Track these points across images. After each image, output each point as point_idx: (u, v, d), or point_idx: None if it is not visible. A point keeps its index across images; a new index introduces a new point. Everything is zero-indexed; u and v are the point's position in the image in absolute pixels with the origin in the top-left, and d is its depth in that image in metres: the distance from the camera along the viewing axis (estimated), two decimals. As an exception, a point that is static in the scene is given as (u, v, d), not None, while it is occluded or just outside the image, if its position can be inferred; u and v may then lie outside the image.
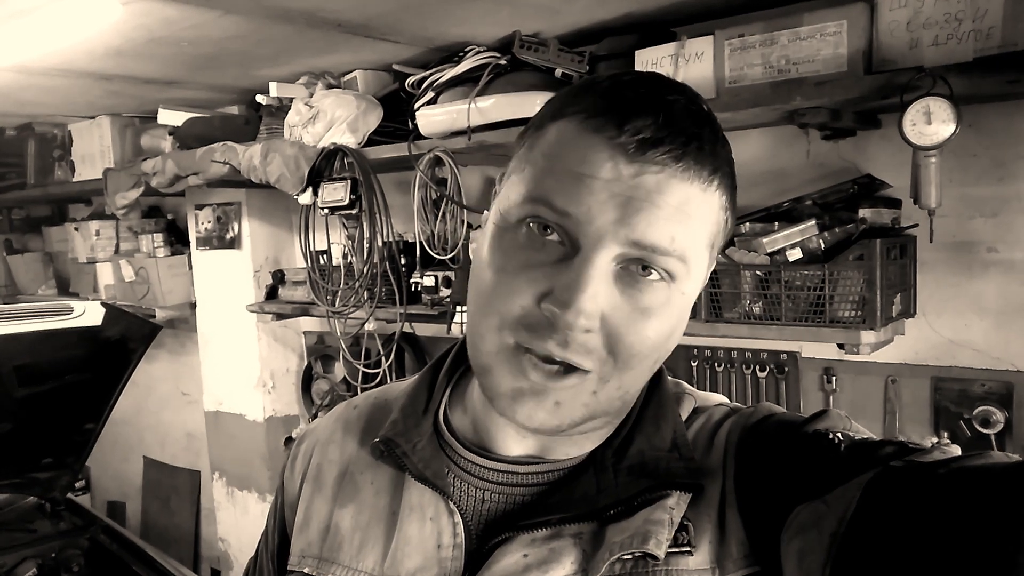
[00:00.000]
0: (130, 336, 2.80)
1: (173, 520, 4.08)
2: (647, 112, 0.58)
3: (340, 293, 2.65)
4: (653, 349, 0.62)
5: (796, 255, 1.81)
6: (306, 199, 2.58)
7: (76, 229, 3.81)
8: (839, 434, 0.61)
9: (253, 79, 2.66)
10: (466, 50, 2.26)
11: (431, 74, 2.32)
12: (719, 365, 2.24)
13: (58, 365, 2.71)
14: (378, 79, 2.58)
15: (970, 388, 1.90)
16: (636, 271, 0.60)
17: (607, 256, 0.58)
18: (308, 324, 3.29)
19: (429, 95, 2.32)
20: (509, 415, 0.63)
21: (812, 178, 2.03)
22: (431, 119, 2.29)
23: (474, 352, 0.66)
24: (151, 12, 1.91)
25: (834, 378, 2.09)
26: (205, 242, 3.35)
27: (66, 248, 3.97)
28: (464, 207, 2.36)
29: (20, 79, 2.60)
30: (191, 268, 3.51)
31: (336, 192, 2.48)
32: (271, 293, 3.08)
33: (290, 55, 2.40)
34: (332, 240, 2.70)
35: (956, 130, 1.53)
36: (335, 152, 2.50)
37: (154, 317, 3.35)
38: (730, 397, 0.76)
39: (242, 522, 3.47)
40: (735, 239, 1.91)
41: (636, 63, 1.97)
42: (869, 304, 1.72)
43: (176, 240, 3.67)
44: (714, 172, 0.60)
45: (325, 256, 2.71)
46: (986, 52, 1.53)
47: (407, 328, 2.58)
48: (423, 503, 0.70)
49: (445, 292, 2.41)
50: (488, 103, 2.15)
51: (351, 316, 2.65)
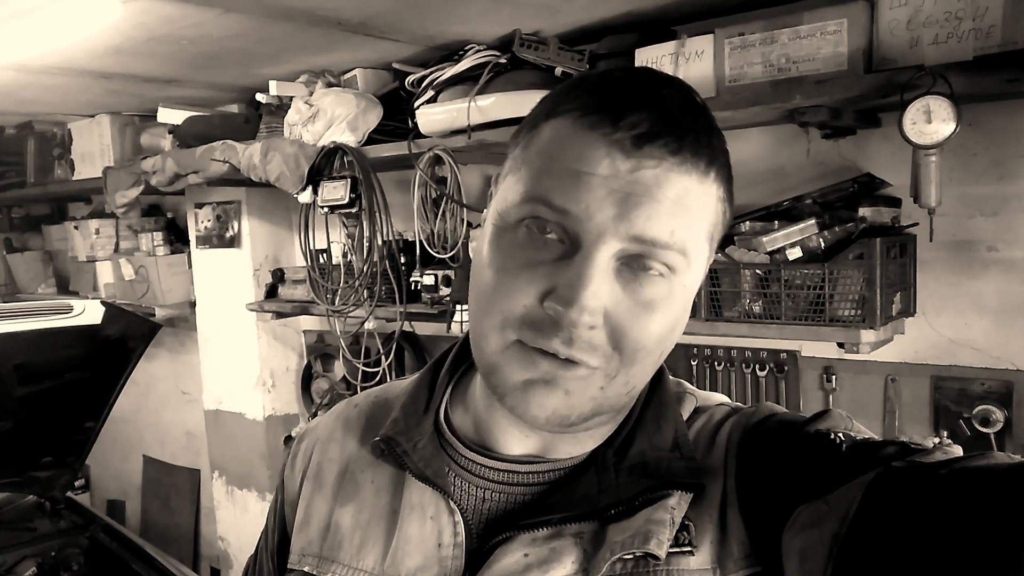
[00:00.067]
0: (130, 335, 2.81)
1: (173, 519, 4.07)
2: (641, 107, 0.58)
3: (340, 292, 2.65)
4: (658, 343, 0.62)
5: (796, 254, 1.81)
6: (306, 198, 2.58)
7: (76, 228, 3.81)
8: (841, 434, 0.61)
9: (253, 77, 2.66)
10: (466, 49, 2.26)
11: (431, 73, 2.32)
12: (719, 364, 2.24)
13: (58, 364, 2.71)
14: (378, 78, 2.58)
15: (970, 387, 1.90)
16: (637, 266, 0.60)
17: (608, 252, 0.58)
18: (308, 323, 3.29)
19: (429, 94, 2.31)
20: (522, 408, 0.62)
21: (812, 177, 2.03)
22: (431, 118, 2.29)
23: (478, 352, 0.66)
24: (151, 10, 1.90)
25: (834, 377, 2.09)
26: (205, 241, 3.35)
27: (66, 247, 3.96)
28: (464, 206, 2.36)
29: (20, 77, 2.60)
30: (191, 267, 3.50)
31: (336, 191, 2.48)
32: (271, 292, 3.08)
33: (290, 53, 2.40)
34: (332, 239, 2.70)
35: (956, 129, 1.53)
36: (335, 151, 2.50)
37: (154, 316, 3.35)
38: (730, 396, 0.76)
39: (242, 521, 3.47)
40: (735, 238, 1.92)
41: (636, 62, 1.97)
42: (869, 303, 1.72)
43: (176, 239, 3.66)
44: (711, 164, 0.60)
45: (325, 255, 2.71)
46: (986, 51, 1.53)
47: (407, 327, 2.58)
48: (424, 502, 0.70)
49: (445, 291, 2.41)
50: (488, 102, 2.15)
51: (351, 315, 2.65)
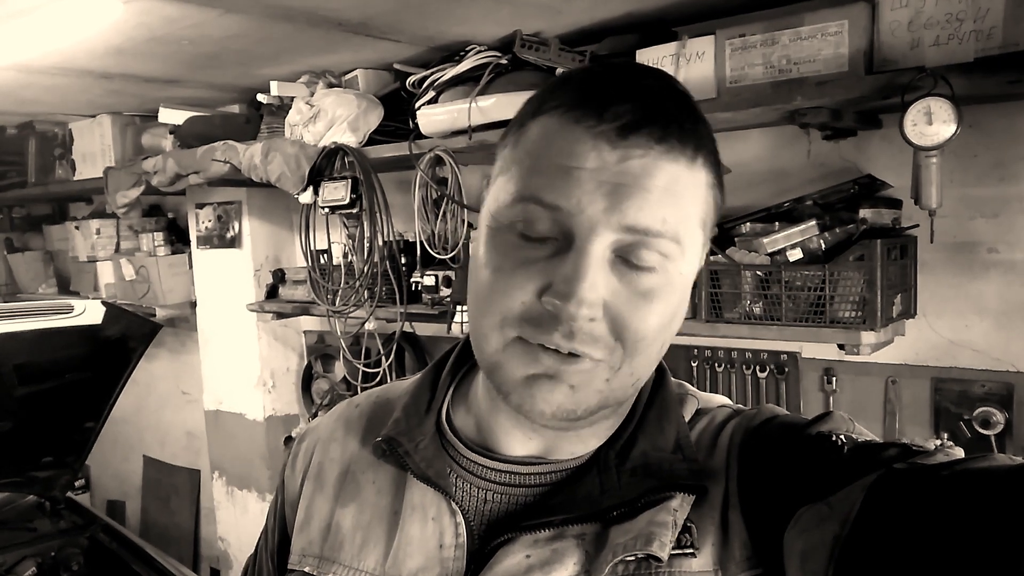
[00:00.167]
0: (130, 335, 2.81)
1: (173, 519, 4.07)
2: (625, 98, 0.59)
3: (340, 292, 2.65)
4: (659, 332, 0.62)
5: (796, 255, 1.81)
6: (307, 198, 2.58)
7: (77, 228, 3.81)
8: (842, 436, 0.61)
9: (254, 78, 2.66)
10: (467, 49, 2.26)
11: (432, 73, 2.32)
12: (719, 365, 2.24)
13: (58, 364, 2.70)
14: (379, 78, 2.58)
15: (970, 389, 1.90)
16: (632, 256, 0.60)
17: (602, 244, 0.59)
18: (308, 323, 3.29)
19: (430, 94, 2.31)
20: (528, 404, 0.62)
21: (813, 178, 2.03)
22: (432, 118, 2.29)
23: (480, 352, 0.66)
24: (152, 11, 1.90)
25: (834, 379, 2.09)
26: (205, 241, 3.35)
27: (67, 247, 3.96)
28: (465, 206, 2.36)
29: (21, 78, 2.60)
30: (191, 267, 3.50)
31: (337, 191, 2.48)
32: (271, 292, 3.08)
33: (291, 54, 2.40)
34: (332, 239, 2.70)
35: (957, 130, 1.53)
36: (336, 151, 2.50)
37: (154, 316, 3.35)
38: (730, 398, 0.76)
39: (242, 521, 3.47)
40: (736, 239, 1.92)
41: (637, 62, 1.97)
42: (869, 304, 1.72)
43: (176, 239, 3.66)
44: (697, 150, 0.61)
45: (325, 255, 2.71)
46: (987, 52, 1.53)
47: (407, 327, 2.58)
48: (425, 503, 0.70)
49: (445, 291, 2.41)
50: (489, 102, 2.15)
51: (351, 315, 2.65)
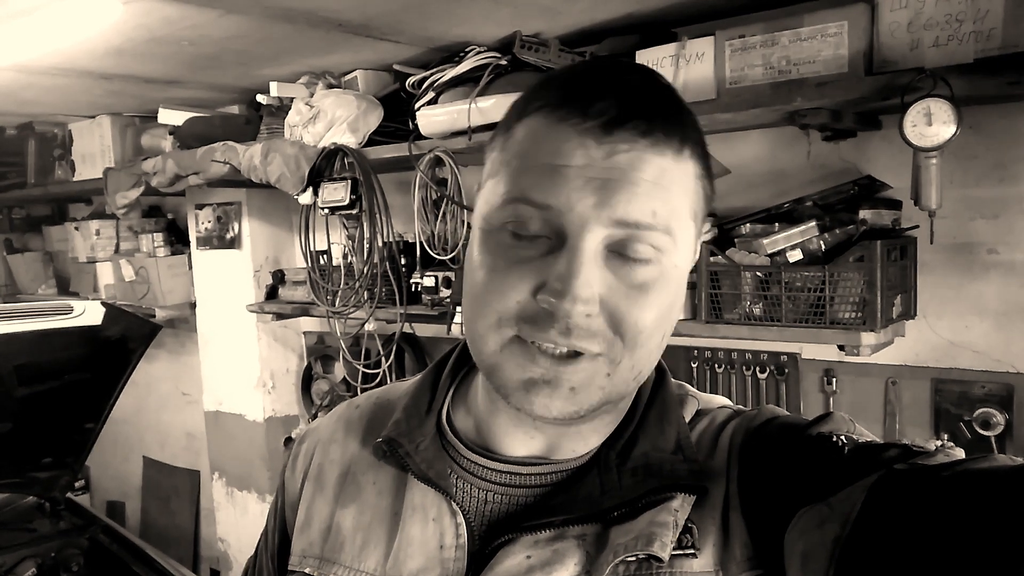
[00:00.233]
0: (130, 336, 2.80)
1: (173, 520, 4.07)
2: (608, 94, 0.59)
3: (340, 293, 2.65)
4: (657, 324, 0.62)
5: (796, 256, 1.81)
6: (306, 199, 2.58)
7: (76, 228, 3.81)
8: (843, 437, 0.61)
9: (254, 79, 2.66)
10: (467, 50, 2.26)
11: (432, 74, 2.32)
12: (719, 366, 2.24)
13: (58, 364, 2.70)
14: (378, 79, 2.58)
15: (970, 390, 1.90)
16: (625, 251, 0.60)
17: (594, 240, 0.59)
18: (308, 324, 3.29)
19: (430, 95, 2.32)
20: (526, 408, 0.62)
21: (812, 179, 2.03)
22: (432, 119, 2.29)
23: (477, 355, 0.66)
24: (152, 11, 1.91)
25: (834, 380, 2.09)
26: (205, 242, 3.35)
27: (66, 247, 3.96)
28: (464, 207, 2.36)
29: (20, 78, 2.60)
30: (191, 268, 3.50)
31: (336, 192, 2.48)
32: (271, 293, 3.08)
33: (291, 55, 2.40)
34: (332, 240, 2.70)
35: (957, 131, 1.53)
36: (335, 152, 2.50)
37: (154, 317, 3.35)
38: (730, 398, 0.76)
39: (242, 522, 3.47)
40: (736, 240, 1.92)
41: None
42: (869, 305, 1.72)
43: (176, 240, 3.66)
44: (683, 141, 0.61)
45: (325, 256, 2.71)
46: (987, 53, 1.54)
47: (407, 328, 2.58)
48: (426, 504, 0.70)
49: (445, 292, 2.41)
50: (489, 103, 2.15)
51: (351, 316, 2.65)
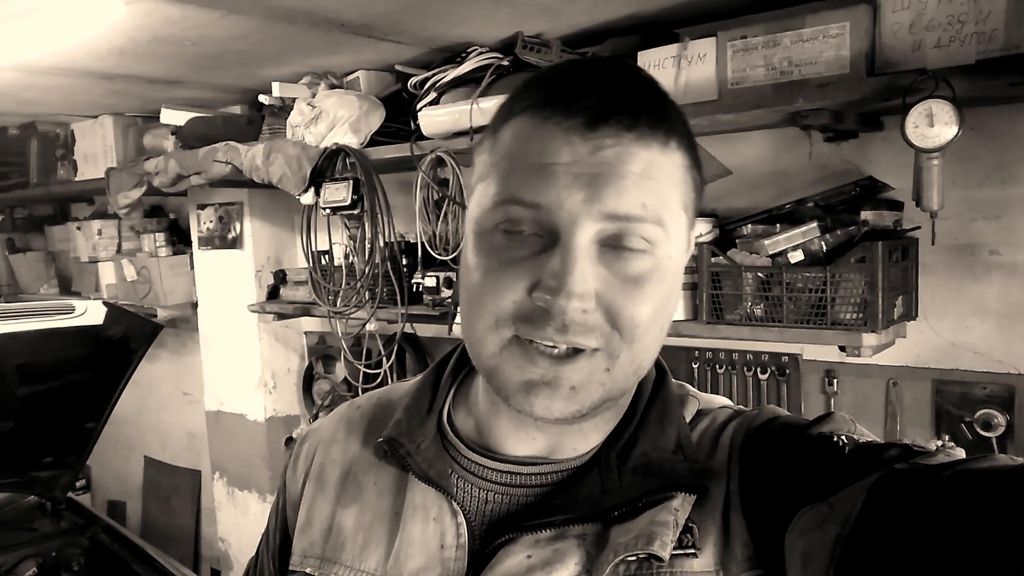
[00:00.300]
0: (131, 335, 2.80)
1: (173, 520, 4.07)
2: (591, 91, 0.60)
3: (341, 293, 2.65)
4: (654, 317, 0.62)
5: (798, 257, 1.81)
6: (308, 199, 2.58)
7: (78, 228, 3.81)
8: (843, 437, 0.61)
9: (256, 79, 2.66)
10: (468, 51, 2.26)
11: (433, 75, 2.32)
12: (720, 367, 2.24)
13: (59, 364, 2.70)
14: (380, 79, 2.58)
15: (971, 391, 1.90)
16: (618, 245, 0.60)
17: (586, 236, 0.59)
18: (309, 324, 3.29)
19: (431, 96, 2.32)
20: (527, 410, 0.62)
21: (814, 180, 2.03)
22: (433, 120, 2.29)
23: (476, 357, 0.66)
24: (154, 12, 1.91)
25: (835, 380, 2.09)
26: (207, 242, 3.35)
27: (68, 247, 3.97)
28: (466, 208, 2.36)
29: (23, 78, 2.61)
30: (193, 268, 3.51)
31: (338, 192, 2.48)
32: (273, 293, 3.08)
33: (293, 55, 2.41)
34: (334, 240, 2.70)
35: (958, 132, 1.53)
36: (337, 152, 2.50)
37: (155, 316, 3.35)
38: (731, 399, 0.77)
39: (242, 522, 3.47)
40: (737, 241, 1.92)
41: (639, 64, 1.97)
42: (871, 306, 1.72)
43: (178, 240, 3.67)
44: (669, 133, 0.61)
45: (327, 256, 2.71)
46: (989, 54, 1.54)
47: (408, 329, 2.58)
48: (426, 503, 0.70)
49: (446, 293, 2.41)
50: (491, 104, 2.15)
51: (352, 316, 2.65)
